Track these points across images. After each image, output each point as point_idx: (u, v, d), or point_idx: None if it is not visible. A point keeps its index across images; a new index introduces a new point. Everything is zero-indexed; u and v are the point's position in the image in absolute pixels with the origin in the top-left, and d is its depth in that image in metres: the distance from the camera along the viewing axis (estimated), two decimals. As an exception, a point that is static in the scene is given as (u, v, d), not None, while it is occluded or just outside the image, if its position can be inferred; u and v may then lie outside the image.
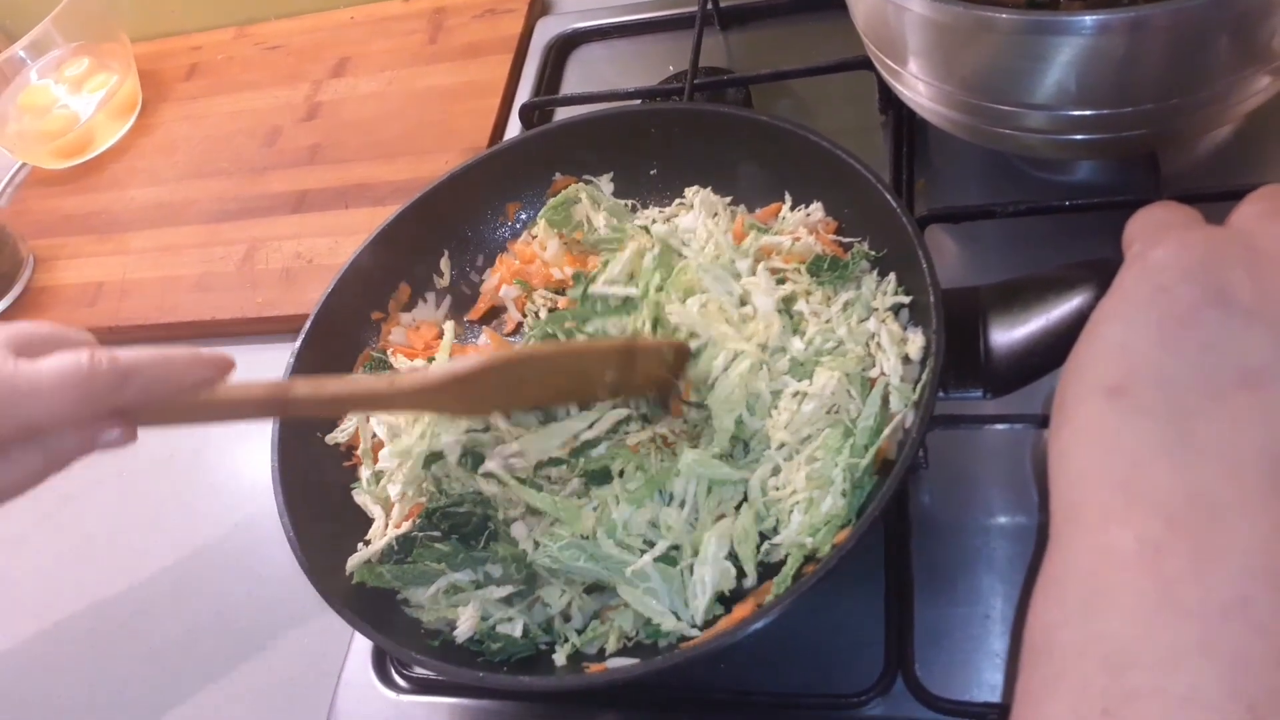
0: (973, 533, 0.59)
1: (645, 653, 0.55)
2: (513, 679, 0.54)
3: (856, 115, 0.82)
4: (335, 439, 0.68)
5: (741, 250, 0.66)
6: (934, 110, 0.64)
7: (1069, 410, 0.39)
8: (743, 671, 0.58)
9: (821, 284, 0.63)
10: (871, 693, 0.55)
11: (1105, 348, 0.39)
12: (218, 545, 0.77)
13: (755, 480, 0.57)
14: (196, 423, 0.51)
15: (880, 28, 0.63)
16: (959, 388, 0.53)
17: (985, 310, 0.53)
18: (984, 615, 0.56)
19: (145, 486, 0.83)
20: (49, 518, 0.83)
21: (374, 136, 1.00)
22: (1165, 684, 0.31)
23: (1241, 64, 0.54)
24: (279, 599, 0.71)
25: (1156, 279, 0.38)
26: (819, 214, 0.68)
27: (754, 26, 0.94)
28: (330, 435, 0.68)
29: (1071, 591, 0.35)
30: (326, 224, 0.93)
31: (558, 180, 0.76)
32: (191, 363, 0.49)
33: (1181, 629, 0.32)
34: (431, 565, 0.59)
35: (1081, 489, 0.37)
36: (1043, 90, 0.56)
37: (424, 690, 0.63)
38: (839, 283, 0.63)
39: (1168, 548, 0.33)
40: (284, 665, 0.68)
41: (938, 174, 0.75)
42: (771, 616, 0.49)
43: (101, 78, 1.12)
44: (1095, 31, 0.51)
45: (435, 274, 0.76)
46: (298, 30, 1.16)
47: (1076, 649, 0.34)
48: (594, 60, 0.99)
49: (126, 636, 0.74)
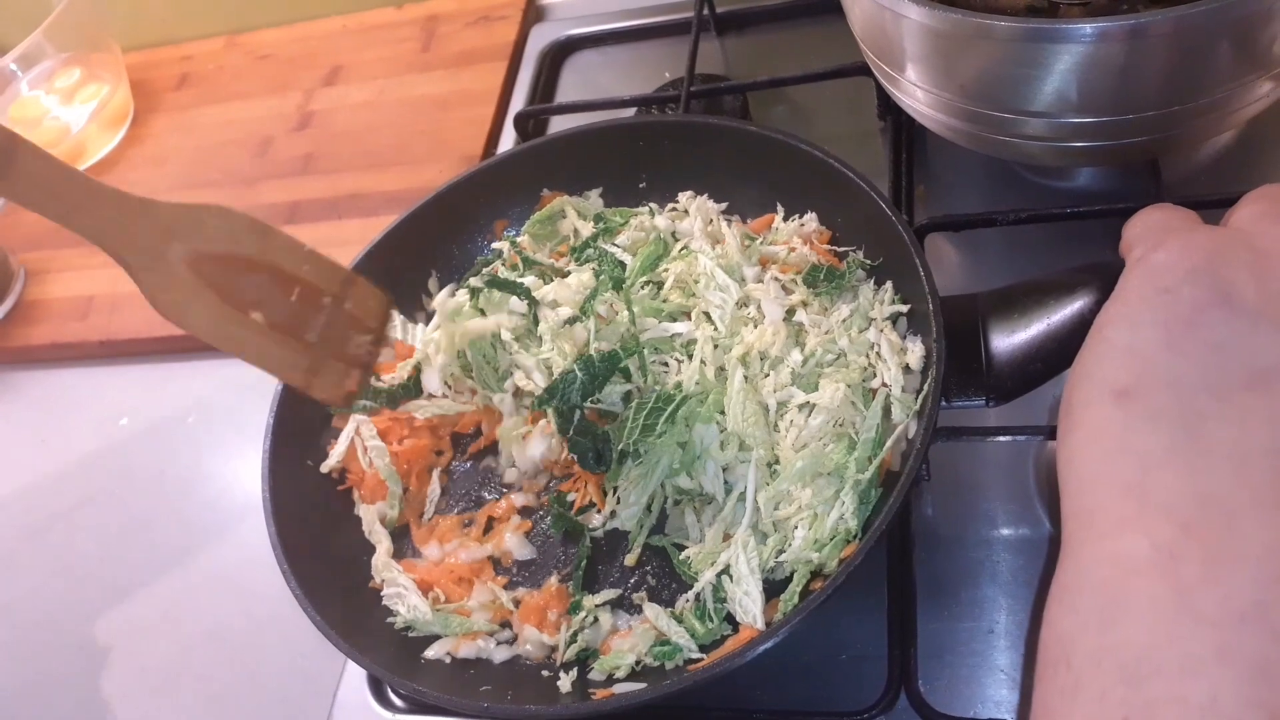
0: (976, 546, 0.58)
1: (652, 676, 0.54)
2: (518, 708, 0.53)
3: (855, 122, 0.81)
4: (329, 466, 0.67)
5: (749, 254, 0.65)
6: (933, 117, 0.64)
7: (1077, 415, 0.38)
8: (745, 688, 0.57)
9: (819, 294, 0.62)
10: (875, 709, 0.54)
11: (1111, 351, 0.38)
12: (210, 563, 0.76)
13: (763, 497, 0.56)
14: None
15: (878, 34, 0.62)
16: (961, 396, 0.53)
17: (985, 317, 0.53)
18: (988, 630, 0.55)
19: (137, 504, 0.82)
20: (39, 535, 0.82)
21: (367, 146, 0.99)
22: (1185, 693, 0.31)
23: (1242, 71, 0.53)
24: (273, 617, 0.70)
25: (1161, 281, 0.38)
26: (813, 224, 0.67)
27: (751, 33, 0.94)
28: (323, 464, 0.67)
29: (1086, 600, 0.35)
30: (319, 235, 0.92)
31: (545, 196, 0.75)
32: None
33: (1199, 636, 0.31)
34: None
35: (1093, 494, 0.37)
36: (1043, 97, 0.55)
37: (421, 710, 0.62)
38: (835, 293, 0.62)
39: (1182, 554, 0.33)
40: (278, 684, 0.68)
41: (937, 181, 0.75)
42: (780, 637, 0.49)
43: (93, 88, 1.11)
44: (1095, 39, 0.50)
45: (424, 294, 0.75)
46: (289, 39, 1.15)
47: (1093, 659, 0.33)
48: (589, 67, 0.99)
49: (118, 655, 0.73)
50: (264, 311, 0.52)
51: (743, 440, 0.58)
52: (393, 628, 0.59)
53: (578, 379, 0.60)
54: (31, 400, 0.93)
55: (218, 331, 0.51)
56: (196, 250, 0.50)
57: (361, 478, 0.66)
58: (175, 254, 0.49)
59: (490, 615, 0.59)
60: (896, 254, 0.59)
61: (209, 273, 0.50)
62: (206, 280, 0.50)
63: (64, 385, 0.93)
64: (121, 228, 0.48)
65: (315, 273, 0.54)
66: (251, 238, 0.52)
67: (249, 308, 0.52)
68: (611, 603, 0.58)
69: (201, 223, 0.51)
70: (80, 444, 0.88)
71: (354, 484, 0.66)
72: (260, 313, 0.52)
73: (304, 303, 0.54)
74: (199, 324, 0.50)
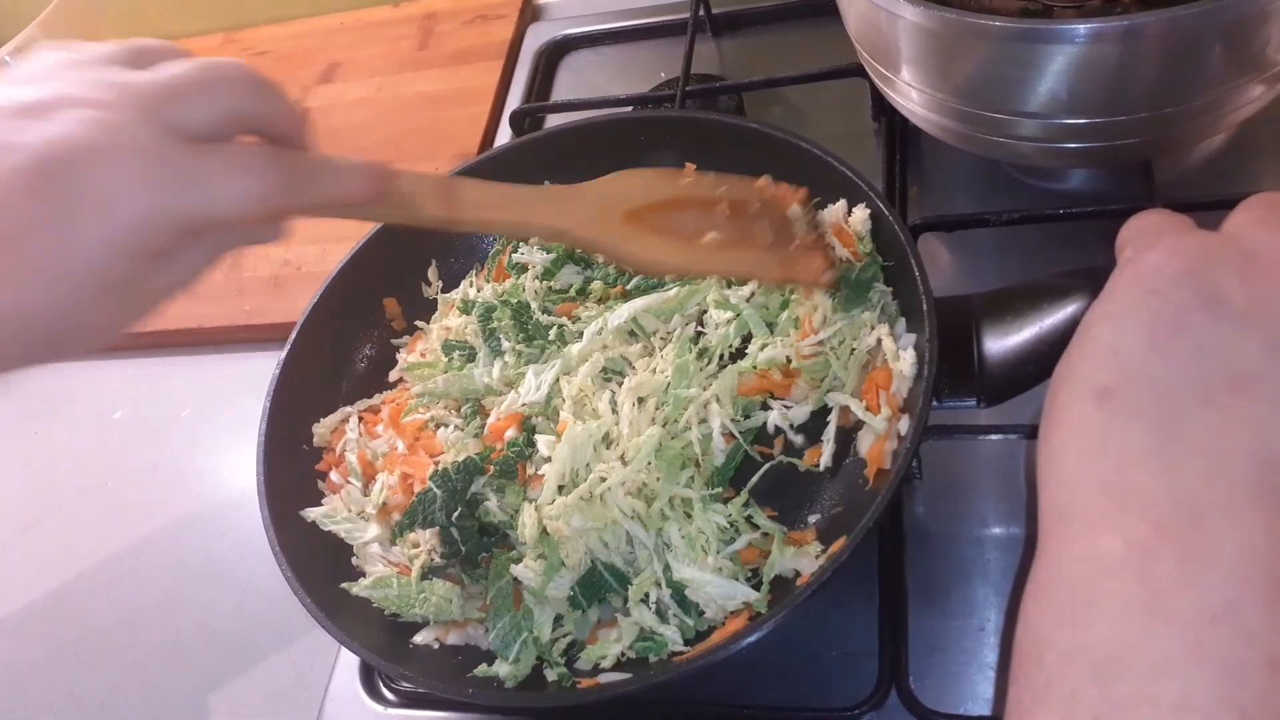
0: (967, 544, 0.59)
1: (637, 668, 0.54)
2: (504, 694, 0.54)
3: (849, 122, 0.82)
4: (320, 438, 0.68)
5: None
6: (927, 118, 0.64)
7: (1058, 413, 0.39)
8: (736, 685, 0.57)
9: (837, 306, 0.61)
10: (865, 706, 0.54)
11: (1096, 350, 0.39)
12: (203, 555, 0.76)
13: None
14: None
15: (873, 35, 0.62)
16: (953, 396, 0.53)
17: (979, 318, 0.53)
18: (978, 628, 0.56)
19: (131, 496, 0.82)
20: (33, 528, 0.82)
21: (363, 143, 0.99)
22: (1155, 692, 0.31)
23: (1234, 73, 0.53)
24: (265, 610, 0.70)
25: (1148, 282, 0.38)
26: (841, 211, 0.65)
27: (746, 33, 0.94)
28: (315, 432, 0.68)
29: (1060, 598, 0.35)
30: (315, 231, 0.92)
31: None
32: (354, 173, 0.47)
33: (1171, 636, 0.32)
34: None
35: (1070, 492, 0.37)
36: (1036, 98, 0.55)
37: (412, 704, 0.62)
38: (856, 301, 0.61)
39: (1156, 553, 0.33)
40: (270, 678, 0.68)
41: (931, 182, 0.75)
42: (764, 630, 0.49)
43: (88, 83, 1.11)
44: (1088, 40, 0.50)
45: (424, 283, 0.75)
46: (286, 36, 1.16)
47: (1065, 657, 0.33)
48: (585, 67, 0.99)
49: (111, 648, 0.73)
50: (716, 232, 0.58)
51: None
52: (382, 614, 0.59)
53: (437, 497, 0.59)
54: (25, 393, 0.93)
55: (691, 259, 0.58)
56: (628, 209, 0.57)
57: (338, 461, 0.67)
58: (615, 217, 0.56)
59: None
60: (892, 253, 0.60)
61: (651, 221, 0.57)
62: (652, 228, 0.57)
63: (58, 378, 0.93)
64: (567, 215, 0.55)
65: (734, 190, 0.60)
66: (660, 182, 0.59)
67: (700, 234, 0.58)
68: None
69: (619, 187, 0.58)
70: (74, 437, 0.88)
71: (326, 467, 0.67)
72: (712, 234, 0.58)
73: (740, 217, 0.60)
74: (672, 260, 0.58)
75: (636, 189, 0.58)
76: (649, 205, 0.57)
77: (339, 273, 0.71)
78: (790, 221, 0.61)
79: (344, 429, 0.68)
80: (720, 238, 0.58)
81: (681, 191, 0.59)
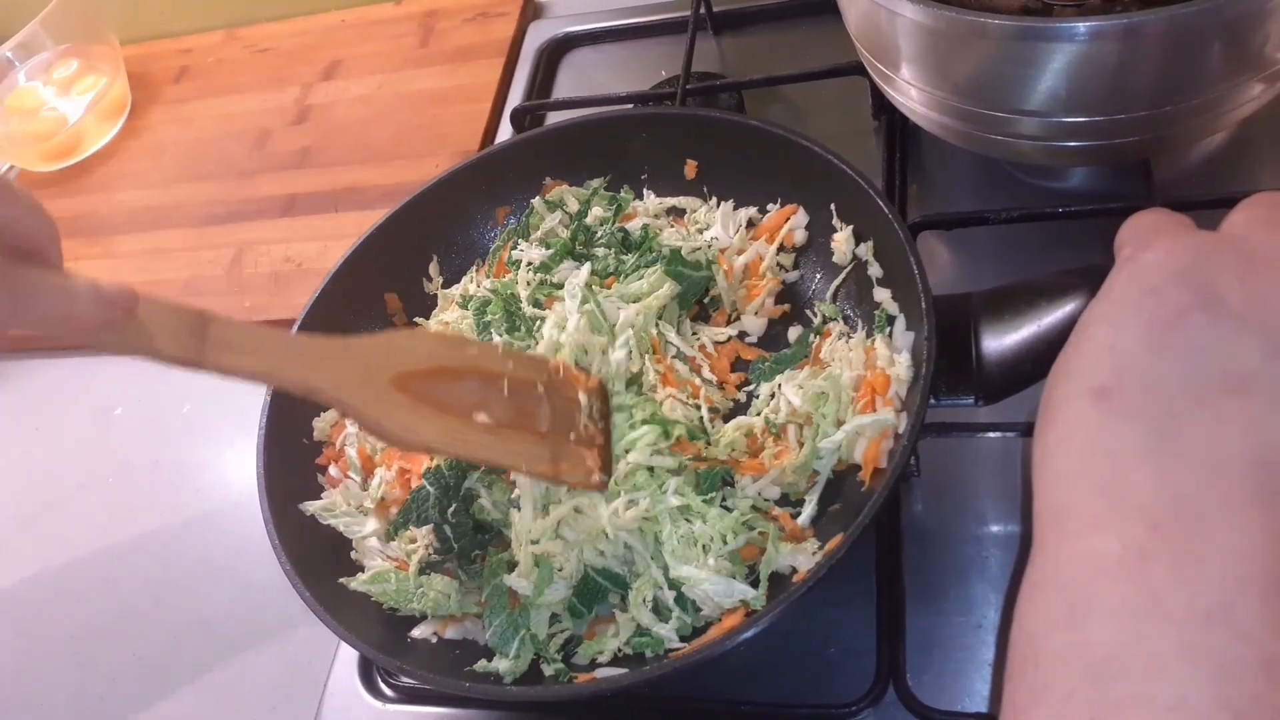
0: (965, 541, 0.59)
1: (634, 663, 0.54)
2: (500, 689, 0.54)
3: (849, 121, 0.81)
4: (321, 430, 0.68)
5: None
6: (927, 116, 0.64)
7: (1055, 411, 0.39)
8: (733, 681, 0.57)
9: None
10: (863, 703, 0.54)
11: (1093, 349, 0.39)
12: (202, 551, 0.76)
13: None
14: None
15: (873, 33, 0.62)
16: (950, 394, 0.53)
17: (977, 317, 0.53)
18: (976, 625, 0.56)
19: (129, 492, 0.82)
20: (31, 524, 0.82)
21: (364, 140, 0.99)
22: (1151, 693, 0.31)
23: (1234, 71, 0.53)
24: (264, 606, 0.70)
25: (1146, 281, 0.38)
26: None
27: (747, 31, 0.94)
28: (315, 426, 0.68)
29: (1056, 598, 0.35)
30: (316, 228, 0.93)
31: (547, 184, 0.76)
32: (82, 297, 0.43)
33: (1166, 637, 0.32)
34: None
35: (1065, 492, 0.37)
36: (1036, 96, 0.55)
37: (410, 699, 0.62)
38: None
39: (1152, 554, 0.33)
40: (268, 673, 0.68)
41: (930, 180, 0.75)
42: (760, 626, 0.49)
43: (90, 80, 1.11)
44: (1088, 38, 0.50)
45: (425, 279, 0.75)
46: (288, 33, 1.16)
47: (1061, 658, 0.33)
48: (586, 64, 0.99)
49: (109, 644, 0.73)
50: (487, 412, 0.54)
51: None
52: (381, 608, 0.59)
53: (430, 494, 0.59)
54: (26, 389, 0.93)
55: (453, 440, 0.53)
56: (399, 372, 0.52)
57: (338, 456, 0.67)
58: (381, 380, 0.51)
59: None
60: (891, 251, 0.60)
61: (420, 389, 0.52)
62: (419, 397, 0.52)
63: (59, 374, 0.93)
64: (324, 372, 0.50)
65: (520, 367, 0.57)
66: (445, 348, 0.55)
67: (471, 411, 0.54)
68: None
69: (395, 346, 0.53)
70: (74, 433, 0.88)
71: (326, 462, 0.67)
72: (484, 413, 0.54)
73: (520, 396, 0.56)
74: (432, 438, 0.52)
75: (417, 352, 0.54)
76: (426, 371, 0.53)
77: (339, 269, 0.71)
78: (576, 408, 0.58)
79: (343, 423, 0.68)
80: (489, 420, 0.54)
81: (465, 362, 0.55)
